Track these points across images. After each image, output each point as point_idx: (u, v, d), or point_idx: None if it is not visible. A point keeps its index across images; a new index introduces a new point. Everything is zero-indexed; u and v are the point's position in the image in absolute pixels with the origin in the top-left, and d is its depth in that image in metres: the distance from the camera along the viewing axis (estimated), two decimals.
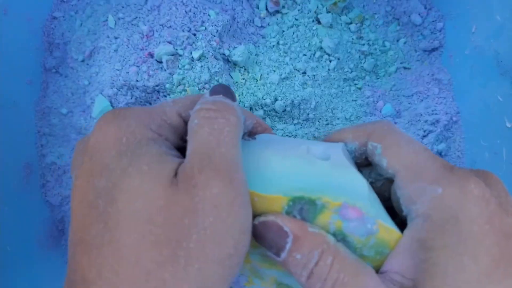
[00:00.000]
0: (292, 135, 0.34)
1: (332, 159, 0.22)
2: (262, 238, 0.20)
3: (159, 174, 0.18)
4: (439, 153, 0.36)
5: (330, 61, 0.35)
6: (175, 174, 0.19)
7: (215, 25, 0.32)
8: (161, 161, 0.19)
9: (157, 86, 0.32)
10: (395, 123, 0.36)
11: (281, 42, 0.35)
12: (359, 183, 0.21)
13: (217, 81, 0.32)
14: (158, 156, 0.19)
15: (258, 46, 0.35)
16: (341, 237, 0.20)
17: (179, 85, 0.32)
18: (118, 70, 0.33)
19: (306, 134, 0.35)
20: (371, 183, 0.24)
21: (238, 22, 0.35)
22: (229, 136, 0.20)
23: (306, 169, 0.21)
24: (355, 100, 0.36)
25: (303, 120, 0.35)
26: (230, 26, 0.34)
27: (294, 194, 0.20)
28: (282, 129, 0.34)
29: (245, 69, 0.34)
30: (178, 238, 0.17)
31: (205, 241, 0.18)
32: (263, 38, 0.35)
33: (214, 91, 0.22)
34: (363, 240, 0.20)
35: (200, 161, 0.19)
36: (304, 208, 0.20)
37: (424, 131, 0.35)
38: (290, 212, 0.20)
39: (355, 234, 0.20)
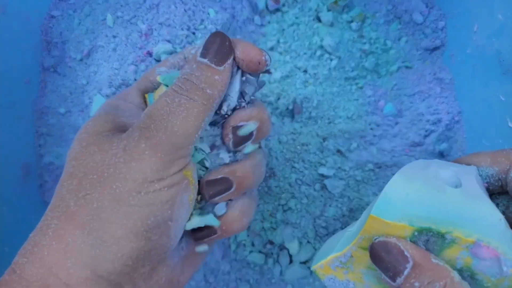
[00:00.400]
0: (297, 133, 0.34)
1: (464, 187, 0.20)
2: (379, 259, 0.20)
3: (93, 126, 0.22)
4: (441, 153, 0.35)
5: (331, 60, 0.35)
6: (113, 130, 0.22)
7: (215, 24, 0.32)
8: (105, 120, 0.22)
9: None
10: (396, 122, 0.36)
11: (281, 40, 0.35)
12: (495, 217, 0.19)
13: None
14: (105, 116, 0.23)
15: (258, 45, 0.35)
16: (468, 273, 0.19)
17: None
18: (116, 69, 0.33)
19: (310, 131, 0.34)
20: (504, 212, 0.23)
21: (238, 20, 0.34)
22: (184, 112, 0.21)
23: (434, 197, 0.20)
24: (356, 99, 0.36)
25: (305, 119, 0.35)
26: (230, 25, 0.34)
27: (421, 224, 0.19)
28: (287, 128, 0.34)
29: None
30: (86, 171, 0.20)
31: (108, 176, 0.20)
32: (263, 36, 0.35)
33: (204, 51, 0.22)
34: (494, 280, 0.19)
35: (143, 121, 0.21)
36: (430, 240, 0.19)
37: (426, 131, 0.35)
38: (414, 242, 0.20)
39: (486, 274, 0.19)
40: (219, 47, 0.22)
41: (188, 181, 0.21)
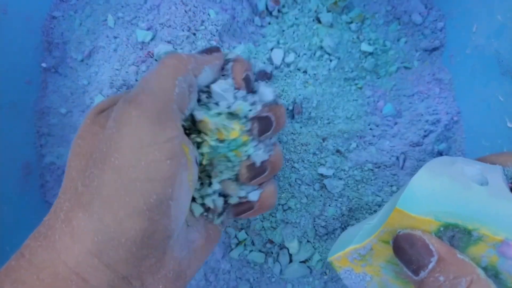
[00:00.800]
0: (297, 133, 0.34)
1: (491, 185, 0.20)
2: (403, 251, 0.20)
3: (101, 105, 0.23)
4: (440, 153, 0.36)
5: (331, 60, 0.35)
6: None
7: (215, 25, 0.32)
8: (114, 99, 0.23)
9: None
10: (396, 123, 0.36)
11: (281, 41, 0.35)
12: None
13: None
14: (115, 97, 0.23)
15: (258, 46, 0.35)
16: (492, 272, 0.19)
17: None
18: (117, 69, 0.33)
19: (309, 131, 0.34)
20: None
21: (238, 21, 0.35)
22: (157, 73, 0.22)
23: (460, 193, 0.19)
24: (356, 100, 0.36)
25: (305, 119, 0.35)
26: (230, 26, 0.34)
27: (448, 220, 0.19)
28: (287, 128, 0.34)
29: None
30: (91, 150, 0.20)
31: (106, 150, 0.20)
32: (263, 37, 0.35)
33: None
34: None
35: (126, 92, 0.22)
36: (456, 236, 0.19)
37: (425, 131, 0.35)
38: (439, 237, 0.19)
39: (511, 274, 0.19)
40: (209, 49, 0.25)
41: (186, 158, 0.21)
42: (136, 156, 0.19)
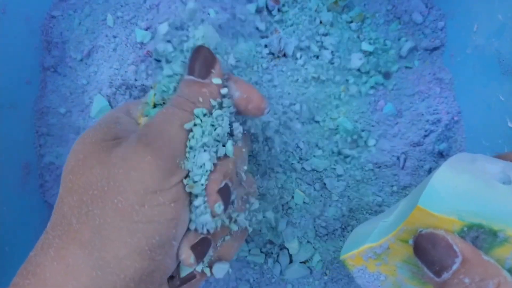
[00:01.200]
0: (297, 133, 0.34)
1: None
2: (425, 251, 0.19)
3: (91, 137, 0.21)
4: (440, 153, 0.35)
5: (331, 60, 0.35)
6: (112, 141, 0.21)
7: (215, 24, 0.32)
8: (105, 132, 0.22)
9: None
10: (396, 122, 0.36)
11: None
12: None
13: None
14: (106, 128, 0.22)
15: (259, 45, 0.35)
16: None
17: None
18: (116, 69, 0.33)
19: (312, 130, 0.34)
20: None
21: (237, 20, 0.34)
22: (178, 121, 0.21)
23: (484, 192, 0.19)
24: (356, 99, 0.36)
25: (306, 119, 0.35)
26: (230, 25, 0.34)
27: (472, 220, 0.18)
28: (289, 128, 0.34)
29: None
30: (86, 186, 0.19)
31: (107, 189, 0.19)
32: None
33: (189, 69, 0.23)
34: None
35: (141, 130, 0.21)
36: (480, 237, 0.19)
37: (426, 131, 0.35)
38: (462, 237, 0.19)
39: None
40: (202, 61, 0.23)
41: (189, 198, 0.21)
42: (140, 201, 0.19)
